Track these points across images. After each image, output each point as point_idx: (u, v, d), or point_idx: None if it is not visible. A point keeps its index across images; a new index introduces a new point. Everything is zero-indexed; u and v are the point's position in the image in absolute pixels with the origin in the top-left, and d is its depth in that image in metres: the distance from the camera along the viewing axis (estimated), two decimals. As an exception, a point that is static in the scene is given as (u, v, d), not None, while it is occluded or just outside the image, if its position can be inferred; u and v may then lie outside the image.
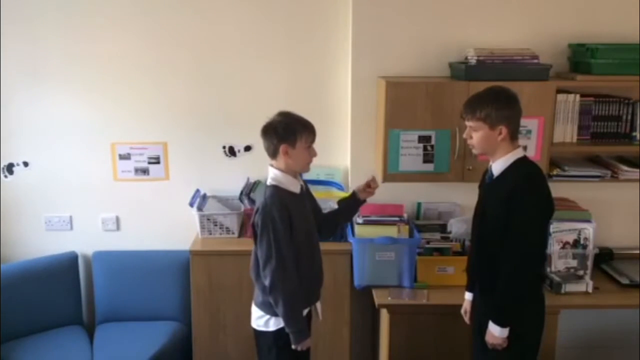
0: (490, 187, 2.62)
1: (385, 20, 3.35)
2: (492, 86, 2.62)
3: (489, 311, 2.60)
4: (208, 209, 3.58)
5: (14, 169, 3.71)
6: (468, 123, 2.58)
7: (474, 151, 2.66)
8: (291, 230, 2.61)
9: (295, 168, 2.67)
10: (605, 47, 3.15)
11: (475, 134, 2.55)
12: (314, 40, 3.55)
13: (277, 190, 2.62)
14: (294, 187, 2.69)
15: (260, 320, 2.74)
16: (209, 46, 3.56)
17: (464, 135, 2.64)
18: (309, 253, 2.75)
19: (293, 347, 2.66)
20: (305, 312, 2.75)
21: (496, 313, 2.57)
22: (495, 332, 2.55)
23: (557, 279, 3.08)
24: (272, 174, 2.66)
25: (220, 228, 3.55)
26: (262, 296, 2.70)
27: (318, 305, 2.86)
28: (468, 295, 2.86)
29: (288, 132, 2.60)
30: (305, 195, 2.79)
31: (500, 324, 2.54)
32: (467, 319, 2.87)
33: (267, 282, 2.61)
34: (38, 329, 3.55)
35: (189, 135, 3.68)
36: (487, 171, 2.68)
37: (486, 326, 2.60)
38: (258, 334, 2.79)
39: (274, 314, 2.68)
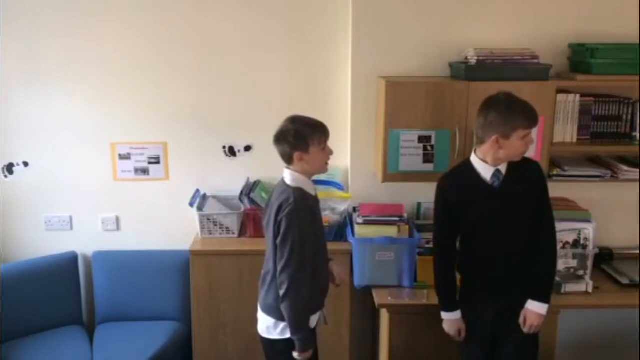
0: (504, 186, 2.64)
1: (385, 20, 3.35)
2: (510, 92, 2.62)
3: (535, 292, 2.68)
4: (208, 209, 3.58)
5: (14, 169, 3.71)
6: (531, 129, 2.59)
7: (519, 157, 2.64)
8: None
9: (312, 171, 2.67)
10: (605, 47, 3.15)
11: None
12: (314, 40, 3.55)
13: (302, 193, 2.61)
14: (312, 189, 2.71)
15: (277, 328, 2.69)
16: (209, 46, 3.56)
17: (528, 147, 2.62)
18: (324, 257, 2.77)
19: (296, 355, 2.63)
20: (316, 319, 2.73)
21: (546, 289, 2.69)
22: (542, 311, 2.66)
23: (557, 279, 3.07)
24: (291, 176, 2.63)
25: (220, 228, 3.55)
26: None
27: (324, 310, 2.84)
28: (456, 314, 2.77)
29: (299, 139, 2.57)
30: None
31: (549, 299, 2.67)
32: (463, 336, 2.79)
33: (283, 286, 2.56)
34: (38, 329, 3.55)
35: (189, 135, 3.68)
36: (462, 180, 2.70)
37: (511, 333, 2.69)
38: (271, 342, 2.73)
39: None
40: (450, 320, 2.78)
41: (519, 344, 2.71)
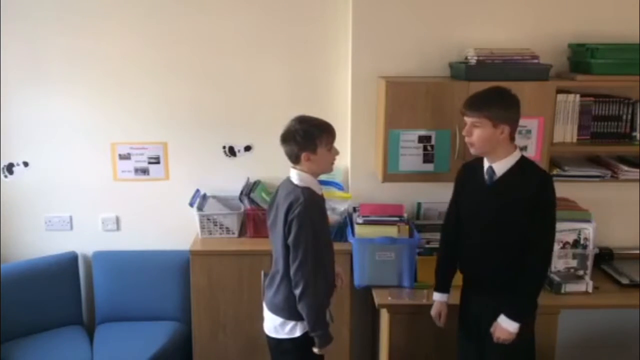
0: (497, 185, 2.62)
1: (385, 20, 3.35)
2: (496, 86, 2.63)
3: (507, 308, 2.61)
4: (208, 209, 3.58)
5: (14, 169, 3.71)
6: (470, 119, 2.57)
7: (472, 150, 2.64)
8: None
9: (319, 171, 2.68)
10: (605, 47, 3.15)
11: (477, 131, 2.55)
12: (314, 40, 3.55)
13: (311, 192, 2.62)
14: (318, 189, 2.71)
15: (285, 327, 2.69)
16: (209, 46, 3.56)
17: (464, 132, 2.63)
18: (331, 256, 2.77)
19: (317, 351, 2.66)
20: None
21: (518, 309, 2.60)
22: (511, 328, 2.58)
23: (557, 279, 3.08)
24: (299, 175, 2.63)
25: (220, 228, 3.55)
26: (290, 301, 2.64)
27: (331, 308, 2.85)
28: (441, 297, 2.86)
29: (307, 140, 2.57)
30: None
31: (520, 319, 2.58)
32: (442, 322, 2.86)
33: (300, 285, 2.57)
34: (38, 329, 3.55)
35: (189, 135, 3.68)
36: (474, 170, 2.70)
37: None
38: (278, 342, 2.73)
39: (300, 318, 2.65)
40: (435, 300, 2.87)
41: (510, 343, 2.68)
